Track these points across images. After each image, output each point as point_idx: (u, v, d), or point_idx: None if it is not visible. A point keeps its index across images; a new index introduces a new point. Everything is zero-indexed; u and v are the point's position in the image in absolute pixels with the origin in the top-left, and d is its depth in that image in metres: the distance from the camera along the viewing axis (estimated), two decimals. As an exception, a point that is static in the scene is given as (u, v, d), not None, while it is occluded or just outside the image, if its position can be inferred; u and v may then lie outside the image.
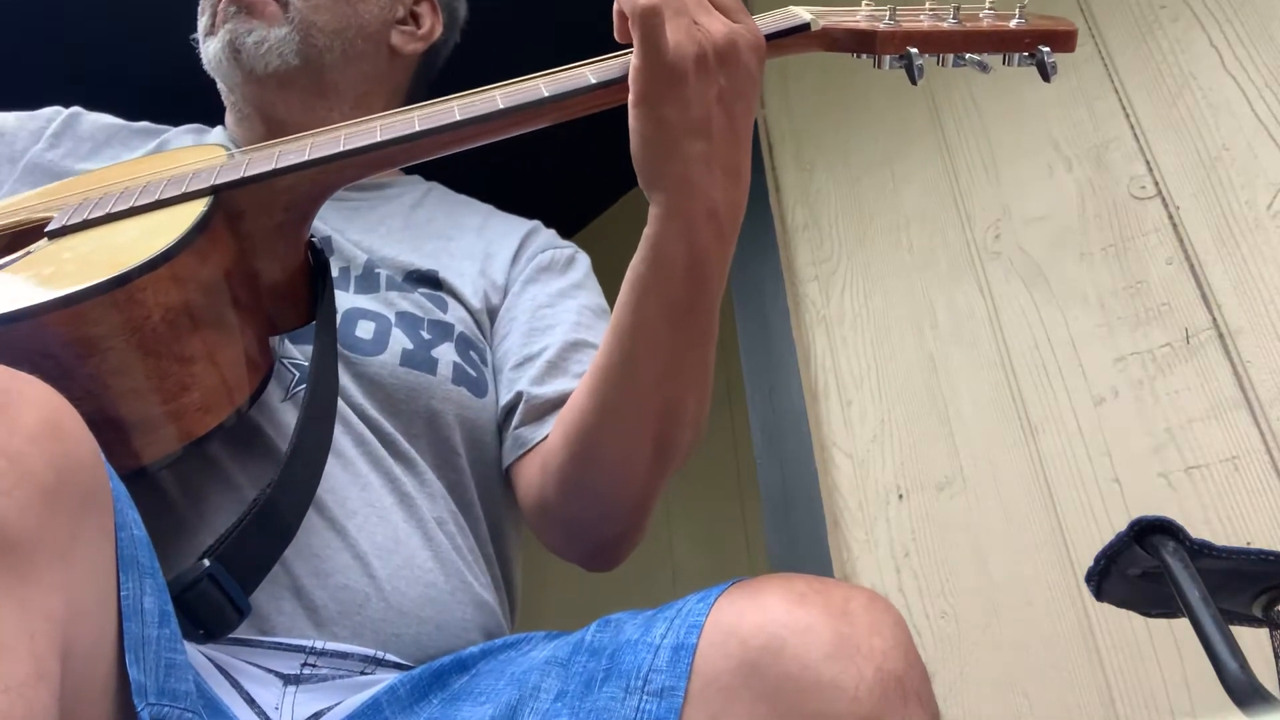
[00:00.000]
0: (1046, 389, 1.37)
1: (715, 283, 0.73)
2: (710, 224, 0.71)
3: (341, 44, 0.98)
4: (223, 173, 0.73)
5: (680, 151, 0.69)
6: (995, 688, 1.27)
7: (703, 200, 0.70)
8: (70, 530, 0.46)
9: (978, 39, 0.77)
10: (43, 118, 0.99)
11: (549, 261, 1.00)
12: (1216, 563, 0.76)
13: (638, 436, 0.77)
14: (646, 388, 0.75)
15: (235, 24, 0.95)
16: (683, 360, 0.75)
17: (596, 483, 0.79)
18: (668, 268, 0.72)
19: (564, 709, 0.59)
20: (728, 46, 0.69)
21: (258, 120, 0.99)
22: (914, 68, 0.74)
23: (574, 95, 0.74)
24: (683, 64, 0.67)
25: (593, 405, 0.77)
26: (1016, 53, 0.77)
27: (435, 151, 0.75)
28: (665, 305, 0.73)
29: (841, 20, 0.77)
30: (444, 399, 0.85)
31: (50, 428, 0.46)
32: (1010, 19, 0.77)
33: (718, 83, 0.69)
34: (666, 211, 0.71)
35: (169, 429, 0.67)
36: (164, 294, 0.64)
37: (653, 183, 0.71)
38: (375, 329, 0.86)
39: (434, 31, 1.07)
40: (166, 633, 0.54)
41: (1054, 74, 0.76)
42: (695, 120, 0.68)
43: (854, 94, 1.78)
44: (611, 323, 0.76)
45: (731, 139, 0.70)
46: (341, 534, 0.76)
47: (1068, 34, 0.77)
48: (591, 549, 0.85)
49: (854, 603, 0.56)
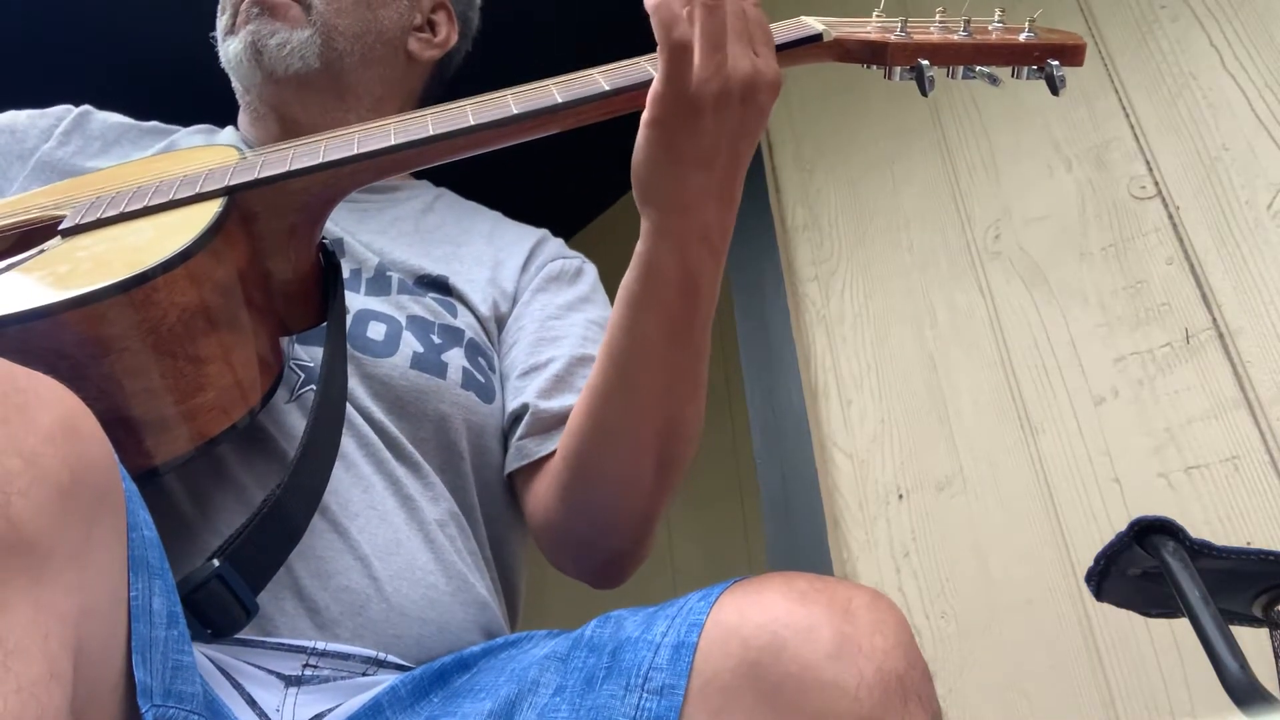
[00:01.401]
0: (1046, 389, 1.37)
1: (708, 298, 0.74)
2: (703, 245, 0.72)
3: (361, 48, 0.98)
4: (236, 173, 0.73)
5: (683, 177, 0.70)
6: (995, 688, 1.28)
7: (696, 222, 0.71)
8: (84, 531, 0.46)
9: (988, 52, 0.77)
10: (53, 116, 0.99)
11: (558, 271, 1.01)
12: (1216, 563, 0.76)
13: (639, 456, 0.77)
14: (645, 407, 0.76)
15: (258, 25, 0.95)
16: (680, 377, 0.76)
17: (600, 501, 0.80)
18: (661, 285, 0.72)
19: (563, 704, 0.59)
20: (748, 89, 0.69)
21: (273, 120, 0.99)
22: (924, 79, 0.74)
23: (587, 101, 0.74)
24: (704, 100, 0.68)
25: (591, 427, 0.78)
26: (1026, 66, 0.78)
27: (449, 155, 0.76)
28: (661, 323, 0.74)
29: (854, 31, 0.77)
30: (453, 403, 0.86)
31: (66, 428, 0.46)
32: (1020, 32, 0.78)
33: (731, 122, 0.70)
34: (659, 229, 0.72)
35: (182, 429, 0.67)
36: (180, 294, 0.64)
37: (649, 200, 0.72)
38: (387, 331, 0.86)
39: (449, 39, 1.08)
40: (174, 634, 0.54)
41: (1062, 87, 0.76)
42: (703, 151, 0.69)
43: (854, 94, 1.78)
44: (605, 345, 0.76)
45: (732, 171, 0.71)
46: (343, 535, 0.76)
47: (1076, 48, 0.78)
48: (597, 566, 0.86)
49: (856, 602, 0.56)
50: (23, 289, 0.63)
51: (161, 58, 1.99)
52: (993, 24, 0.78)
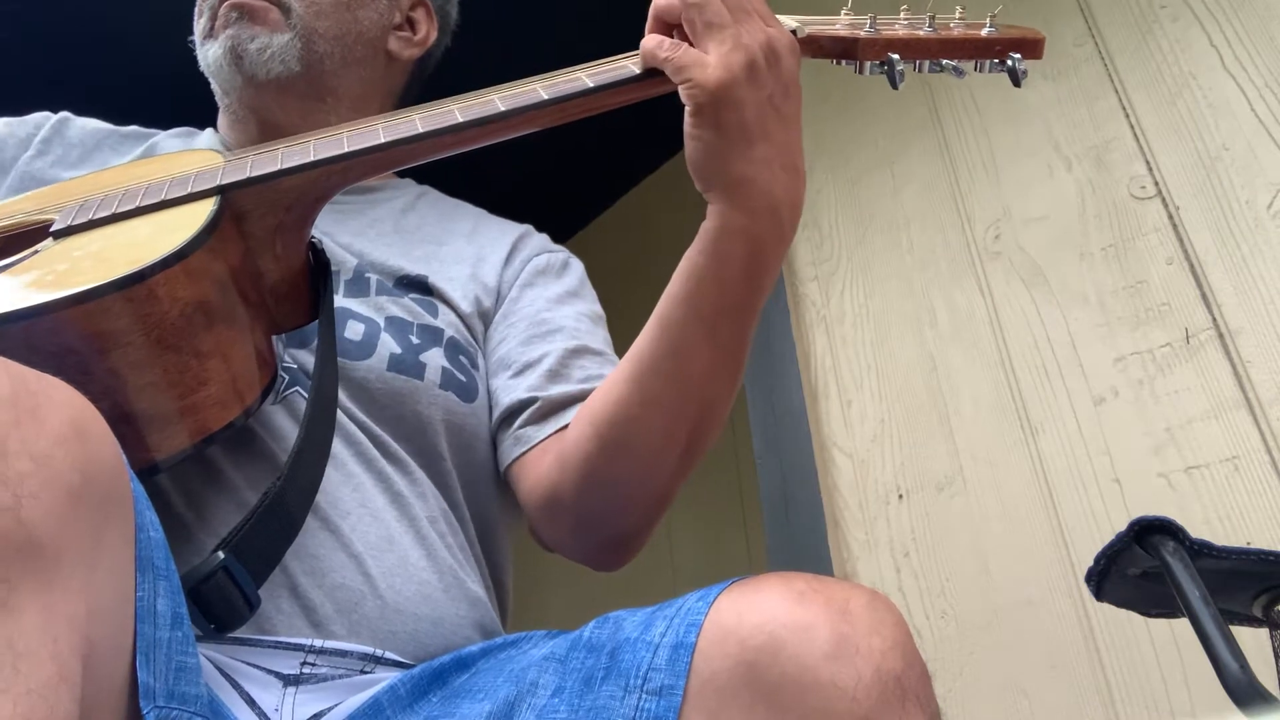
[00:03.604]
0: (1046, 389, 1.37)
1: (769, 280, 0.75)
2: (771, 220, 0.72)
3: (341, 50, 0.98)
4: (228, 173, 0.74)
5: (741, 154, 0.71)
6: (995, 688, 1.27)
7: (764, 198, 0.71)
8: (94, 533, 0.46)
9: (952, 46, 0.80)
10: (31, 124, 0.99)
11: (545, 265, 1.01)
12: (1216, 563, 0.76)
13: (674, 431, 0.77)
14: (691, 382, 0.76)
15: (237, 30, 0.95)
16: (728, 356, 0.76)
17: (623, 475, 0.79)
18: (726, 264, 0.73)
19: (561, 705, 0.59)
20: (771, 52, 0.71)
21: (254, 123, 0.99)
22: (895, 73, 0.77)
23: (572, 99, 0.75)
24: (735, 73, 0.70)
25: (634, 395, 0.77)
26: (989, 59, 0.81)
27: (437, 153, 0.76)
28: (720, 301, 0.74)
29: (824, 28, 0.79)
30: (430, 404, 0.85)
31: (76, 430, 0.46)
32: (982, 28, 0.81)
33: (768, 86, 0.71)
34: (727, 208, 0.72)
35: (183, 424, 0.67)
36: (181, 289, 0.65)
37: (711, 184, 0.72)
38: (364, 332, 0.86)
39: (429, 37, 1.08)
40: (179, 635, 0.54)
41: (1024, 78, 0.80)
42: (750, 121, 0.70)
43: (853, 94, 1.78)
44: (659, 315, 0.77)
45: (786, 136, 0.73)
46: (335, 533, 0.76)
47: (1035, 42, 0.81)
48: (602, 544, 0.85)
49: (854, 602, 0.56)
50: (22, 288, 0.64)
51: (141, 61, 1.99)
52: (954, 20, 0.81)
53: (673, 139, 0.74)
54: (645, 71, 0.74)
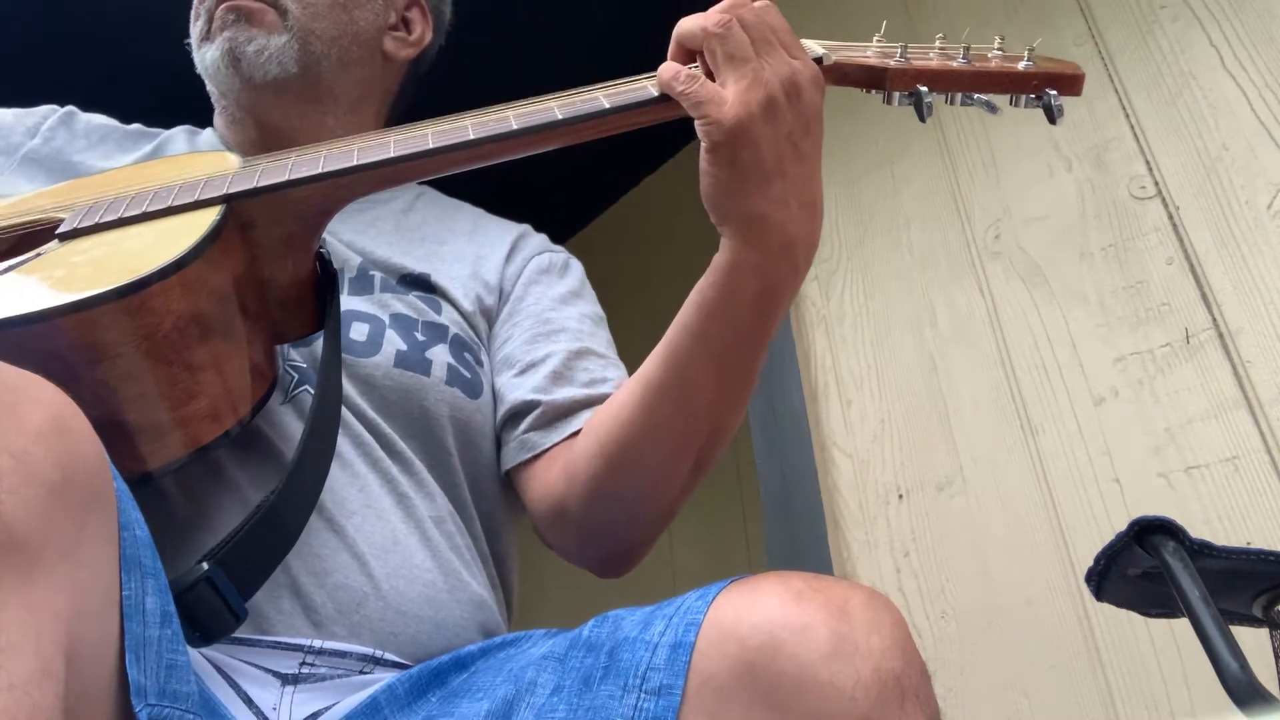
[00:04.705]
0: (1046, 389, 1.37)
1: (780, 314, 0.75)
2: (785, 258, 0.72)
3: (338, 51, 0.98)
4: (235, 182, 0.74)
5: (757, 192, 0.70)
6: (995, 688, 1.27)
7: (778, 235, 0.71)
8: (75, 529, 0.46)
9: (986, 80, 0.77)
10: (38, 114, 0.99)
11: (547, 265, 1.02)
12: (1216, 563, 0.76)
13: (682, 453, 0.78)
14: (698, 408, 0.76)
15: (234, 32, 0.94)
16: (736, 386, 0.77)
17: (630, 493, 0.80)
18: (737, 298, 0.72)
19: (560, 704, 0.59)
20: (792, 88, 0.70)
21: (250, 124, 0.99)
22: (923, 105, 0.75)
23: (588, 119, 0.74)
24: (752, 111, 0.68)
25: (640, 419, 0.78)
26: (1024, 94, 0.77)
27: (448, 168, 0.76)
28: (729, 334, 0.74)
29: (853, 56, 0.77)
30: (438, 400, 0.86)
31: (56, 426, 0.46)
32: (1019, 61, 0.77)
33: (787, 123, 0.70)
34: (741, 244, 0.71)
35: (175, 436, 0.67)
36: (175, 302, 0.65)
37: (725, 219, 0.72)
38: (370, 330, 0.86)
39: (424, 37, 1.08)
40: (168, 633, 0.54)
41: (1060, 117, 0.76)
42: (767, 160, 0.69)
43: (854, 94, 1.78)
44: (669, 342, 0.77)
45: (804, 173, 0.71)
46: (340, 534, 0.76)
47: (1074, 78, 0.77)
48: (606, 555, 0.86)
49: (853, 601, 0.56)
50: (18, 292, 0.63)
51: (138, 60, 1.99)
52: (992, 52, 0.78)
53: (673, 139, 0.74)
54: (663, 94, 0.73)
